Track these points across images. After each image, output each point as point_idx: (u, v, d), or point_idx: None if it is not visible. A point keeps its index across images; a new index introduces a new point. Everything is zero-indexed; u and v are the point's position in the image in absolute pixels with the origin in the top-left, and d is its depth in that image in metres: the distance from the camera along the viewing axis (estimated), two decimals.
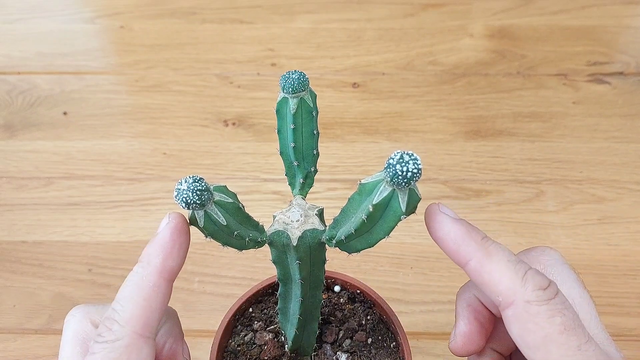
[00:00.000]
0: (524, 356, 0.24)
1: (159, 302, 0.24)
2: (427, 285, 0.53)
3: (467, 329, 0.28)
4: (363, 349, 0.38)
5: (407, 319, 0.51)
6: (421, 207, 0.24)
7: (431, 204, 0.26)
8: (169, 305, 0.27)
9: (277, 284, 0.33)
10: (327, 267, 0.33)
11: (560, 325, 0.23)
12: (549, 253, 0.28)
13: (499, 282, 0.24)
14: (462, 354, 0.28)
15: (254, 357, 0.38)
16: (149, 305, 0.24)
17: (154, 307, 0.24)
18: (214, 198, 0.25)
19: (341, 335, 0.39)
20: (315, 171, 0.32)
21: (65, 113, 0.70)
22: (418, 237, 0.57)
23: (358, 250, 0.27)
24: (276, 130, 0.31)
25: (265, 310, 0.40)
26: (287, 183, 0.33)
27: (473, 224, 0.25)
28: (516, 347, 0.26)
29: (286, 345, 0.38)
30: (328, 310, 0.40)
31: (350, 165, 0.63)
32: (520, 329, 0.23)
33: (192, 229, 0.26)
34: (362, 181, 0.25)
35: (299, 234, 0.29)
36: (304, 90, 0.29)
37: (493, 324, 0.29)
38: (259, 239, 0.29)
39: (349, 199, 0.27)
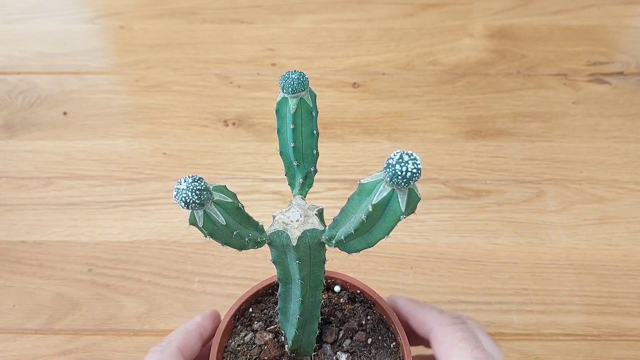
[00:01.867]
0: None
1: (194, 339, 0.36)
2: (427, 285, 0.53)
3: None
4: (363, 349, 0.38)
5: None
6: (421, 207, 0.24)
7: (390, 297, 0.38)
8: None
9: (277, 284, 0.33)
10: (327, 267, 0.33)
11: (460, 336, 0.33)
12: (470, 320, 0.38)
13: (426, 317, 0.35)
14: None
15: (254, 357, 0.38)
16: (188, 337, 0.36)
17: (190, 339, 0.35)
18: (213, 198, 0.25)
19: (341, 335, 0.39)
20: (315, 171, 0.32)
21: (65, 113, 0.70)
22: (418, 237, 0.57)
23: (358, 250, 0.27)
24: (276, 130, 0.31)
25: (265, 310, 0.40)
26: (287, 183, 0.33)
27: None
28: None
29: (286, 345, 0.38)
30: (328, 310, 0.40)
31: (350, 165, 0.63)
32: (437, 343, 0.34)
33: (192, 229, 0.26)
34: (362, 181, 0.25)
35: (298, 234, 0.29)
36: (304, 90, 0.29)
37: None
38: (259, 239, 0.29)
39: (349, 199, 0.27)
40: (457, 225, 0.58)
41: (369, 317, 0.40)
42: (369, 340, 0.39)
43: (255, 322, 0.40)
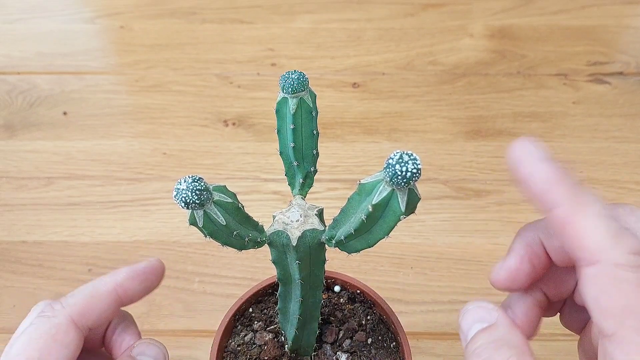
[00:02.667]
0: (576, 311, 0.23)
1: (103, 305, 0.28)
2: (427, 285, 0.53)
3: (516, 267, 0.26)
4: (363, 349, 0.38)
5: (407, 319, 0.51)
6: (421, 207, 0.24)
7: (520, 139, 0.23)
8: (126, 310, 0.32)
9: (277, 284, 0.33)
10: (327, 267, 0.33)
11: None
12: (638, 214, 0.24)
13: (587, 237, 0.21)
14: (500, 288, 0.27)
15: (254, 357, 0.38)
16: (93, 303, 0.28)
17: (95, 307, 0.28)
18: (213, 198, 0.25)
19: (341, 335, 0.39)
20: (315, 171, 0.32)
21: (65, 113, 0.70)
22: (418, 237, 0.57)
23: (358, 250, 0.27)
24: (276, 131, 0.31)
25: (265, 310, 0.40)
26: (287, 183, 0.33)
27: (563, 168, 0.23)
28: (569, 300, 0.25)
29: (286, 345, 0.38)
30: (328, 310, 0.40)
31: (350, 165, 0.63)
32: (599, 291, 0.21)
33: (192, 229, 0.26)
34: (362, 181, 0.25)
35: (298, 234, 0.29)
36: (304, 90, 0.29)
37: (545, 271, 0.27)
38: (259, 239, 0.29)
39: (349, 199, 0.27)
40: (457, 225, 0.58)
41: (369, 317, 0.40)
42: (369, 340, 0.39)
43: (255, 322, 0.40)
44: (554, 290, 0.27)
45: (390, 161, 0.22)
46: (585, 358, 0.26)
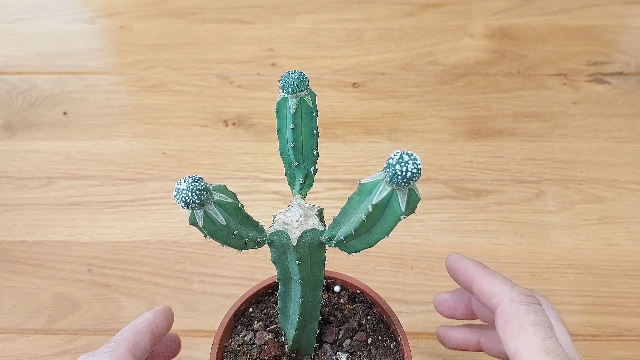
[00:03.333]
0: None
1: (146, 338, 0.33)
2: (427, 285, 0.53)
3: (448, 297, 0.40)
4: (363, 349, 0.38)
5: (407, 319, 0.51)
6: (421, 207, 0.24)
7: (451, 256, 0.36)
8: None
9: (277, 284, 0.34)
10: (327, 267, 0.33)
11: (533, 320, 0.29)
12: (540, 297, 0.35)
13: (495, 288, 0.31)
14: (438, 307, 0.41)
15: (254, 357, 0.38)
16: (139, 337, 0.33)
17: (141, 340, 0.33)
18: (213, 198, 0.25)
19: (341, 335, 0.39)
20: (315, 171, 0.32)
21: (65, 113, 0.70)
22: (418, 237, 0.57)
23: (358, 250, 0.27)
24: (276, 130, 0.31)
25: (265, 310, 0.40)
26: (287, 183, 0.33)
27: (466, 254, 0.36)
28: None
29: (286, 345, 0.38)
30: (328, 310, 0.40)
31: (350, 165, 0.63)
32: (503, 321, 0.30)
33: (192, 228, 0.26)
34: (362, 181, 0.25)
35: (298, 234, 0.29)
36: (304, 90, 0.29)
37: (469, 314, 0.39)
38: (259, 239, 0.29)
39: (349, 199, 0.27)
40: (457, 225, 0.58)
41: (369, 317, 0.40)
42: (369, 340, 0.39)
43: (255, 322, 0.40)
44: (489, 345, 0.39)
45: (391, 161, 0.22)
46: None
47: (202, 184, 0.24)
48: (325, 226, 0.29)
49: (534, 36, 0.78)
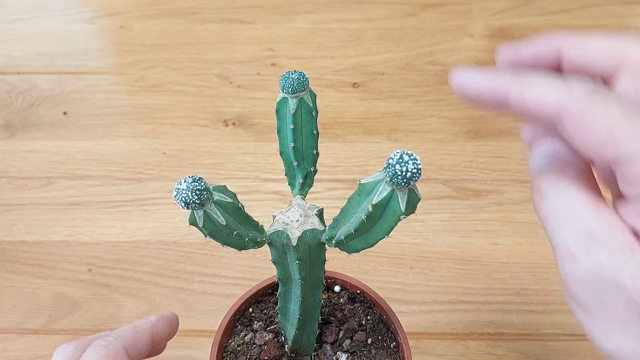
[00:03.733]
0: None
1: (144, 340, 0.33)
2: (427, 285, 0.53)
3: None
4: (363, 349, 0.38)
5: (407, 319, 0.51)
6: (421, 207, 0.24)
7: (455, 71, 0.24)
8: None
9: (277, 284, 0.33)
10: (327, 267, 0.33)
11: (620, 114, 0.20)
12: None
13: (546, 101, 0.22)
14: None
15: (254, 357, 0.38)
16: (138, 337, 0.33)
17: (139, 340, 0.32)
18: (213, 198, 0.25)
19: (341, 335, 0.39)
20: (315, 171, 0.32)
21: (65, 113, 0.70)
22: (418, 237, 0.57)
23: (358, 250, 0.27)
24: (276, 131, 0.31)
25: (265, 310, 0.40)
26: (287, 183, 0.33)
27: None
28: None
29: (286, 345, 0.38)
30: (328, 310, 0.40)
31: (350, 165, 0.63)
32: (580, 133, 0.21)
33: (192, 228, 0.26)
34: (362, 181, 0.25)
35: (298, 234, 0.29)
36: (304, 90, 0.29)
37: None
38: (259, 239, 0.29)
39: (349, 199, 0.27)
40: (457, 225, 0.58)
41: (369, 317, 0.40)
42: (369, 340, 0.39)
43: (255, 322, 0.40)
44: None
45: (391, 161, 0.22)
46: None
47: (202, 184, 0.24)
48: (325, 226, 0.29)
49: (534, 36, 0.78)
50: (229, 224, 0.26)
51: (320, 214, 0.30)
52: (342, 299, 0.41)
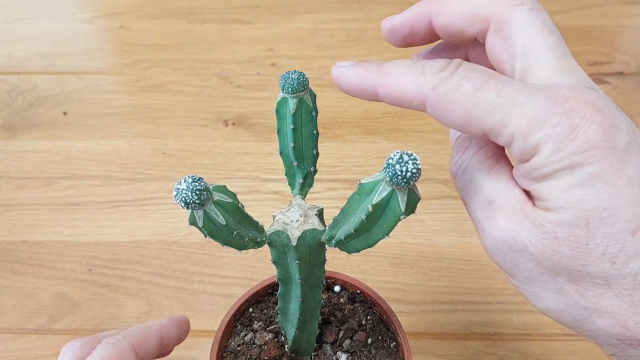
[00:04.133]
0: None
1: (153, 340, 0.33)
2: (427, 285, 0.53)
3: (397, 26, 0.29)
4: (363, 349, 0.38)
5: (407, 319, 0.51)
6: (421, 207, 0.24)
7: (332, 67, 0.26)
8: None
9: (277, 284, 0.34)
10: (327, 267, 0.33)
11: (470, 89, 0.22)
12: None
13: (407, 90, 0.23)
14: (383, 35, 0.29)
15: (254, 357, 0.38)
16: (147, 337, 0.32)
17: (148, 340, 0.32)
18: (213, 198, 0.25)
19: (341, 335, 0.39)
20: (315, 171, 0.32)
21: (65, 113, 0.70)
22: (418, 237, 0.57)
23: (358, 250, 0.27)
24: (276, 131, 0.31)
25: (265, 310, 0.40)
26: (287, 183, 0.33)
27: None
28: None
29: (286, 345, 0.38)
30: (328, 310, 0.40)
31: (350, 165, 0.63)
32: (444, 116, 0.23)
33: (192, 228, 0.26)
34: (362, 181, 0.25)
35: (298, 234, 0.29)
36: (304, 90, 0.29)
37: (425, 41, 0.29)
38: (259, 239, 0.29)
39: (349, 199, 0.27)
40: (457, 225, 0.58)
41: (369, 317, 0.40)
42: (369, 340, 0.39)
43: (255, 322, 0.40)
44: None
45: (390, 161, 0.22)
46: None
47: (202, 184, 0.24)
48: (325, 226, 0.29)
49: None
50: (229, 224, 0.26)
51: (320, 214, 0.30)
52: (342, 299, 0.41)
